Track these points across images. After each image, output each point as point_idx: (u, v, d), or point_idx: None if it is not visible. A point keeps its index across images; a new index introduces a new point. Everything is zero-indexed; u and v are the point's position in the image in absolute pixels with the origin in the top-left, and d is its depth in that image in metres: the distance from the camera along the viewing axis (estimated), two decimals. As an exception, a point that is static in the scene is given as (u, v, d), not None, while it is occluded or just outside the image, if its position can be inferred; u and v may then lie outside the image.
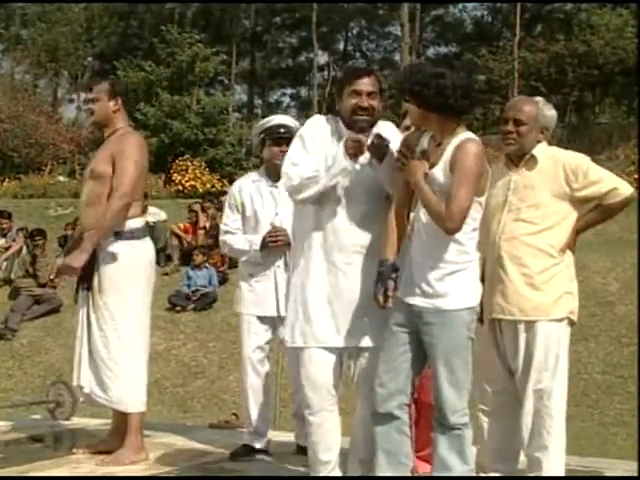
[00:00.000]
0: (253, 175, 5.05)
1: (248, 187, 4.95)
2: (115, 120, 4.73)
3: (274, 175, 4.79)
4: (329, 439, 3.81)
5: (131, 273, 4.59)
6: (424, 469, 4.10)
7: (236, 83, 36.88)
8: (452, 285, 3.50)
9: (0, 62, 37.38)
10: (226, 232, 4.95)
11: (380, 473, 3.62)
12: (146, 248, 4.71)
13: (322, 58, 38.47)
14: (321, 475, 3.83)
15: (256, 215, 4.87)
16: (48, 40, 32.73)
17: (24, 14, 34.23)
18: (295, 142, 3.91)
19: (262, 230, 4.81)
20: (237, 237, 4.90)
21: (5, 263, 13.11)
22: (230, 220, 4.95)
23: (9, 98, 25.13)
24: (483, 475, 4.05)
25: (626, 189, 3.99)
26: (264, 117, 5.65)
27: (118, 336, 4.58)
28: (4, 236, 13.39)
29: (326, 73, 38.24)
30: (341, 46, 40.63)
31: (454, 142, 3.50)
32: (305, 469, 4.10)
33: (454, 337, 3.51)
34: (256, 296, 4.82)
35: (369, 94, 3.75)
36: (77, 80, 33.68)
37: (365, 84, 3.75)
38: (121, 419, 4.71)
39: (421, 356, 3.60)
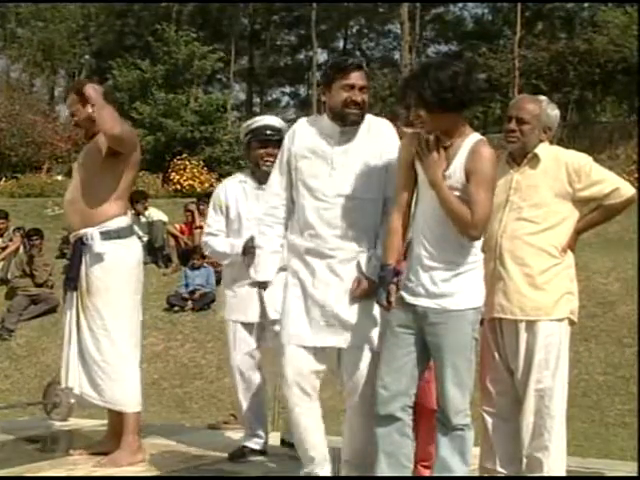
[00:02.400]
0: (240, 176, 4.91)
1: (234, 188, 4.82)
2: None
3: (260, 177, 4.69)
4: (309, 436, 3.83)
5: (118, 273, 4.55)
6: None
7: (234, 81, 36.89)
8: (458, 285, 3.50)
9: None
10: (208, 234, 4.84)
11: (381, 475, 3.60)
12: (133, 247, 4.67)
13: (321, 56, 38.47)
14: (309, 473, 3.83)
15: (240, 217, 4.75)
16: (44, 38, 32.68)
17: (18, 12, 34.14)
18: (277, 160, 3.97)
19: (245, 233, 4.67)
20: (219, 239, 4.79)
21: (2, 263, 13.06)
22: (213, 221, 4.84)
23: (5, 97, 25.10)
24: (487, 476, 4.03)
25: (628, 190, 3.99)
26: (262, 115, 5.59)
27: (108, 337, 4.55)
28: (1, 236, 13.34)
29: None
30: (340, 44, 40.66)
31: (466, 144, 3.48)
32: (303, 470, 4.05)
33: (460, 337, 3.50)
34: (239, 302, 4.74)
35: (361, 88, 3.73)
36: (74, 78, 33.62)
37: (357, 78, 3.73)
38: (117, 420, 4.68)
39: (424, 357, 3.59)
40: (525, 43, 25.86)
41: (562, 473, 3.93)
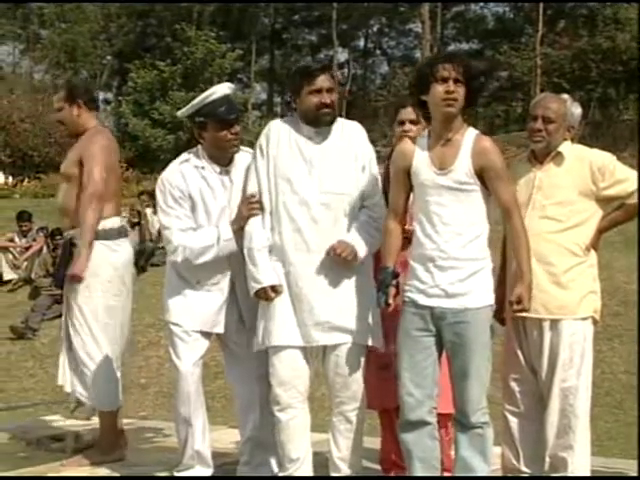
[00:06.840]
0: (193, 160, 4.13)
1: (192, 175, 4.10)
2: (82, 123, 4.71)
3: (222, 160, 4.15)
4: (297, 436, 3.84)
5: (101, 273, 4.55)
6: None
7: (255, 81, 36.98)
8: (475, 283, 3.51)
9: (19, 62, 37.67)
10: (182, 230, 4.03)
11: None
12: (120, 249, 4.65)
13: (342, 55, 38.51)
14: (292, 474, 3.83)
15: (207, 209, 4.06)
16: (67, 40, 32.93)
17: (41, 14, 34.43)
18: (253, 156, 3.96)
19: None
20: (195, 235, 4.04)
21: (25, 263, 13.17)
22: (183, 214, 4.05)
23: (29, 98, 25.32)
24: (510, 476, 4.02)
25: None
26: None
27: (89, 335, 4.58)
28: (24, 236, 13.46)
29: (346, 70, 38.23)
30: (361, 43, 40.72)
31: (467, 140, 3.53)
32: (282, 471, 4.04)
33: (480, 335, 3.51)
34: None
35: (328, 90, 3.80)
36: (96, 79, 33.86)
37: (323, 81, 3.80)
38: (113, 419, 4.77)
39: (439, 358, 3.61)
40: (547, 41, 25.75)
41: (587, 473, 3.92)
